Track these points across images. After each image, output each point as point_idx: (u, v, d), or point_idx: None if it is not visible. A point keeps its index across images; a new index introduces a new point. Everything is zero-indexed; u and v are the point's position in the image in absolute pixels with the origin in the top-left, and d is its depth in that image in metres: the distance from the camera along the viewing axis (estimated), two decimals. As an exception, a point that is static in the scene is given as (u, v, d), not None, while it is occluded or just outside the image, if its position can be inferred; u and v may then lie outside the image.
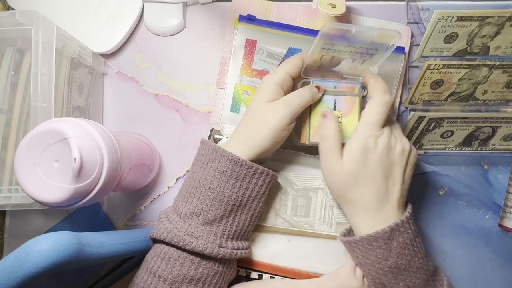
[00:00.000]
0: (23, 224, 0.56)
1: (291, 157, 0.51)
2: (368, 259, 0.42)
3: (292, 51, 0.51)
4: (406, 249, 0.42)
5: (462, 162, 0.54)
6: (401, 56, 0.51)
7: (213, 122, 0.54)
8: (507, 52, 0.49)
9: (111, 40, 0.55)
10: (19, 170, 0.37)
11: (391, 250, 0.41)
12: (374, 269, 0.42)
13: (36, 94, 0.42)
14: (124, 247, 0.43)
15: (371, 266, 0.42)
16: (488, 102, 0.50)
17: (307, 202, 0.51)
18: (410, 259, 0.42)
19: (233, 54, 0.52)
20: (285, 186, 0.51)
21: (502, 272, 0.53)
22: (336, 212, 0.50)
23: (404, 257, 0.41)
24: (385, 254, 0.41)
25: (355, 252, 0.44)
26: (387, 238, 0.41)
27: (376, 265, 0.42)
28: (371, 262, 0.42)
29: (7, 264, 0.32)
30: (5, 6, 0.55)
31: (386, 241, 0.41)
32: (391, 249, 0.41)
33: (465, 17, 0.45)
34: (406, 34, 0.52)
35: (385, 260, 0.41)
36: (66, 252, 0.33)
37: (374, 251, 0.41)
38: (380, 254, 0.41)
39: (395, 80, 0.52)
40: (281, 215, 0.51)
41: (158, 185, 0.56)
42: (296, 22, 0.53)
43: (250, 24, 0.51)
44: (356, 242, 0.43)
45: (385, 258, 0.41)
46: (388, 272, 0.42)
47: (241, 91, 0.52)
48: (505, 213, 0.52)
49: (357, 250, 0.43)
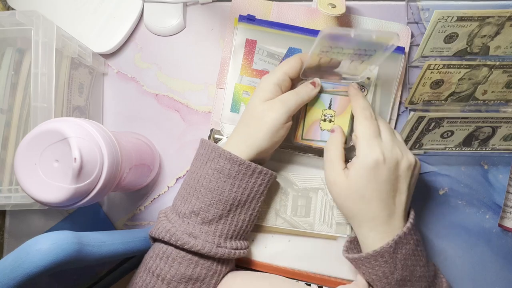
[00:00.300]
0: (23, 224, 0.56)
1: (291, 157, 0.51)
2: (375, 275, 0.42)
3: (292, 51, 0.51)
4: (409, 260, 0.41)
5: (462, 162, 0.54)
6: (401, 56, 0.51)
7: (213, 122, 0.54)
8: (507, 52, 0.49)
9: (111, 40, 0.55)
10: (19, 170, 0.37)
11: (396, 263, 0.41)
12: (382, 284, 0.42)
13: (36, 94, 0.42)
14: (124, 247, 0.43)
15: (378, 281, 0.42)
16: (488, 102, 0.50)
17: (307, 202, 0.51)
18: (413, 269, 0.42)
19: (233, 54, 0.52)
20: (285, 186, 0.51)
21: (502, 272, 0.53)
22: (336, 212, 0.50)
23: (408, 268, 0.41)
24: (391, 268, 0.41)
25: (361, 268, 0.43)
26: (392, 252, 0.41)
27: (383, 280, 0.42)
28: (379, 277, 0.42)
29: (7, 263, 0.32)
30: (5, 6, 0.55)
31: (391, 255, 0.41)
32: (396, 262, 0.41)
33: (465, 17, 0.45)
34: (406, 34, 0.52)
35: (391, 274, 0.41)
36: (66, 252, 0.33)
37: (381, 266, 0.41)
38: (387, 269, 0.41)
39: (395, 80, 0.52)
40: (281, 215, 0.51)
41: (158, 185, 0.56)
42: (296, 22, 0.53)
43: (250, 24, 0.51)
44: (362, 259, 0.42)
45: (392, 272, 0.41)
46: (395, 285, 0.41)
47: (241, 91, 0.52)
48: (505, 213, 0.52)
49: (363, 267, 0.43)
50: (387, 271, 0.41)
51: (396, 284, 0.41)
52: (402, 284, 0.41)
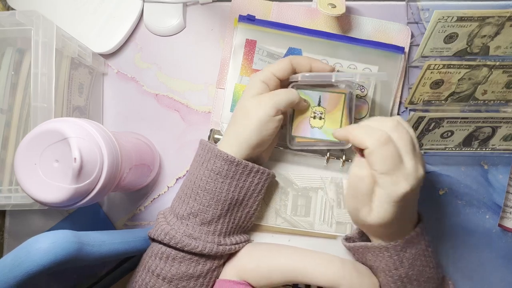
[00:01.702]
0: (23, 224, 0.56)
1: (291, 157, 0.51)
2: (378, 266, 0.42)
3: (292, 51, 0.51)
4: (418, 260, 0.41)
5: (462, 162, 0.54)
6: (400, 56, 0.51)
7: (213, 122, 0.54)
8: (507, 52, 0.49)
9: (111, 40, 0.55)
10: (19, 170, 0.37)
11: (402, 261, 0.41)
12: (383, 275, 0.42)
13: (36, 94, 0.42)
14: (124, 246, 0.43)
15: (381, 272, 0.42)
16: (488, 102, 0.50)
17: (307, 202, 0.51)
18: (422, 269, 0.42)
19: (233, 54, 0.52)
20: (285, 186, 0.51)
21: (502, 272, 0.53)
22: (336, 211, 0.50)
23: (416, 268, 0.41)
24: (396, 263, 0.41)
25: (366, 256, 0.43)
26: (399, 249, 0.41)
27: (386, 272, 0.42)
28: (381, 268, 0.42)
29: (7, 262, 0.32)
30: (5, 6, 0.56)
31: (398, 252, 0.41)
32: (402, 260, 0.41)
33: (465, 17, 0.45)
34: (406, 34, 0.52)
35: (395, 269, 0.41)
36: (66, 251, 0.33)
37: (385, 259, 0.41)
38: (391, 264, 0.41)
39: (395, 79, 0.52)
40: (281, 214, 0.51)
41: (158, 185, 0.56)
42: (296, 22, 0.53)
43: (250, 24, 0.51)
44: (368, 248, 0.42)
45: (396, 267, 0.41)
46: (398, 280, 0.41)
47: (241, 91, 0.52)
48: (505, 213, 0.52)
49: (369, 255, 0.43)
50: (391, 266, 0.41)
51: (399, 280, 0.41)
52: (407, 282, 0.41)
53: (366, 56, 0.51)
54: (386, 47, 0.51)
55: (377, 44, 0.51)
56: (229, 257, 0.46)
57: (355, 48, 0.51)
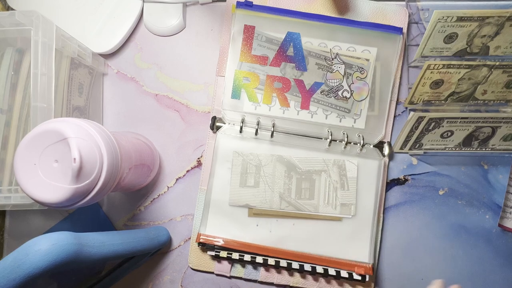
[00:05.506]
0: (23, 224, 0.56)
1: (293, 141, 0.51)
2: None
3: (290, 36, 0.51)
4: None
5: (462, 162, 0.54)
6: (399, 36, 0.51)
7: (215, 110, 0.54)
8: (507, 52, 0.49)
9: (111, 40, 0.55)
10: (19, 170, 0.37)
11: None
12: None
13: (36, 94, 0.42)
14: (124, 247, 0.43)
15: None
16: (488, 102, 0.50)
17: (311, 185, 0.51)
18: None
19: (232, 40, 0.52)
20: (289, 170, 0.51)
21: (502, 272, 0.53)
22: (340, 193, 0.50)
23: None
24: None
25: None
26: None
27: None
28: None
29: (7, 264, 0.32)
30: (5, 6, 0.55)
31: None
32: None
33: (465, 17, 0.45)
34: (403, 14, 0.52)
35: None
36: (65, 252, 0.33)
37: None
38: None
39: (394, 60, 0.51)
40: (286, 198, 0.51)
41: (158, 185, 0.56)
42: (294, 6, 0.53)
43: (248, 10, 0.51)
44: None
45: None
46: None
47: (241, 77, 0.52)
48: (505, 213, 0.52)
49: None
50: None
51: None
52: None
53: (365, 38, 0.51)
54: (384, 28, 0.51)
55: (375, 25, 0.51)
56: None
57: (353, 31, 0.51)
